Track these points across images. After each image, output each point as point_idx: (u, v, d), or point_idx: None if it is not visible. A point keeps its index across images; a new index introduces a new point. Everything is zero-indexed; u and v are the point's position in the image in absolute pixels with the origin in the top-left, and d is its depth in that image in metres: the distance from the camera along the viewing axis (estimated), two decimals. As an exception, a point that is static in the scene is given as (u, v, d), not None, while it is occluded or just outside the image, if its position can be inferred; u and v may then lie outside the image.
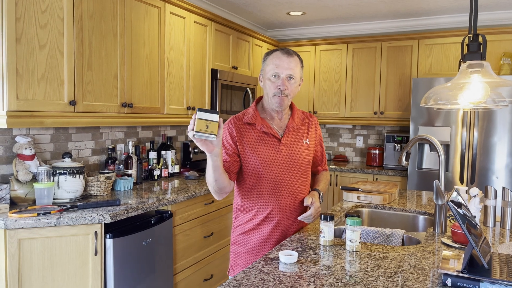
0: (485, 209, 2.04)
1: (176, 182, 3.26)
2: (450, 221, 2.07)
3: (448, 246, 1.70)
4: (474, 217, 1.63)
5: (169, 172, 3.47)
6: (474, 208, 2.00)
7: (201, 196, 2.99)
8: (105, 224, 2.21)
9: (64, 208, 2.21)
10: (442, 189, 1.96)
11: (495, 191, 2.01)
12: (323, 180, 2.03)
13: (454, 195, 1.49)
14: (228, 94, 3.92)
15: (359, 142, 5.11)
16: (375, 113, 4.59)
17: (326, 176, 2.08)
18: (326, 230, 1.68)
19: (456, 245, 1.68)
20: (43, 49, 2.26)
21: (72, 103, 2.41)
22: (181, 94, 3.40)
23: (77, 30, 2.43)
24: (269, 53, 1.86)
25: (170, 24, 3.22)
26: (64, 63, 2.37)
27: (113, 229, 2.27)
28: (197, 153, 3.97)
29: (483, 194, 2.07)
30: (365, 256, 1.56)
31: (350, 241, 1.63)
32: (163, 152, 3.46)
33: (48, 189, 2.29)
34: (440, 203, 1.90)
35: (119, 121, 2.78)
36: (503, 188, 2.01)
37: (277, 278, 1.35)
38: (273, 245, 1.83)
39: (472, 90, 1.80)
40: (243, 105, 4.17)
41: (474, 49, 1.84)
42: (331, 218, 1.67)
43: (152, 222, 2.52)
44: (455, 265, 1.34)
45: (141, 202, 2.48)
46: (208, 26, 3.70)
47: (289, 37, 5.36)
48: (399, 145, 4.44)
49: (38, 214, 2.07)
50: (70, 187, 2.42)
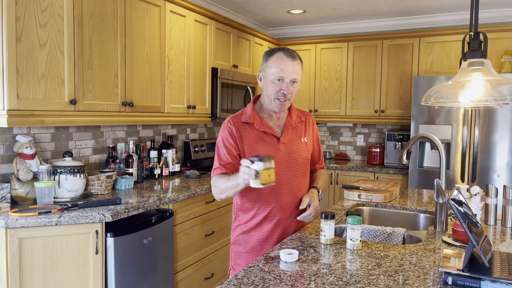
0: (486, 207, 2.03)
1: (176, 181, 3.26)
2: (451, 219, 2.07)
3: (449, 244, 1.70)
4: (475, 215, 1.63)
5: (169, 171, 3.47)
6: (475, 207, 2.00)
7: (202, 195, 2.99)
8: (106, 223, 2.22)
9: (65, 207, 2.21)
10: (443, 187, 1.95)
11: (496, 189, 2.01)
12: (321, 178, 2.03)
13: (455, 193, 1.48)
14: (228, 92, 3.92)
15: (360, 141, 5.10)
16: (376, 112, 4.58)
17: (324, 174, 2.07)
18: (327, 228, 1.68)
19: (457, 244, 1.68)
20: (43, 48, 2.25)
21: (73, 102, 2.41)
22: (182, 93, 3.39)
23: (77, 29, 2.43)
24: (271, 53, 1.82)
25: (171, 22, 3.22)
26: (64, 62, 2.37)
27: (114, 228, 2.27)
28: (197, 152, 3.97)
29: (484, 193, 2.07)
30: (366, 255, 1.56)
31: (351, 239, 1.63)
32: (163, 151, 3.46)
33: (48, 188, 2.29)
34: (441, 201, 1.89)
35: (120, 120, 2.78)
36: (504, 186, 2.01)
37: (278, 277, 1.35)
38: (274, 244, 1.83)
39: (473, 88, 1.80)
40: (244, 103, 4.17)
41: (475, 47, 1.83)
42: (332, 216, 1.67)
43: (153, 221, 2.52)
44: (456, 263, 1.34)
45: (142, 201, 2.48)
46: (209, 24, 3.69)
47: (289, 36, 5.35)
48: (400, 143, 4.43)
49: (39, 213, 2.08)
50: (70, 186, 2.42)
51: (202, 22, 3.60)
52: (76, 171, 2.44)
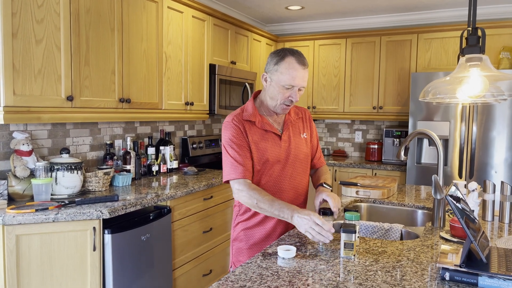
0: (483, 203, 2.04)
1: (174, 178, 3.26)
2: (448, 215, 2.07)
3: (446, 240, 1.70)
4: (473, 211, 1.63)
5: (167, 168, 3.47)
6: (473, 203, 2.00)
7: (200, 191, 2.99)
8: (103, 219, 2.21)
9: (62, 204, 2.20)
10: (441, 183, 1.95)
11: (494, 185, 2.01)
12: (326, 173, 2.02)
13: (452, 189, 1.48)
14: (226, 89, 3.91)
15: (358, 137, 5.10)
16: (374, 108, 4.58)
17: (327, 170, 2.08)
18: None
19: (455, 240, 1.68)
20: (40, 44, 2.24)
21: (70, 98, 2.39)
22: (179, 89, 3.38)
23: (73, 25, 2.41)
24: (282, 57, 1.76)
25: (168, 18, 3.20)
26: (61, 58, 2.36)
27: (111, 224, 2.27)
28: (195, 149, 3.96)
29: (481, 189, 2.07)
30: (364, 251, 1.56)
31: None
32: (161, 148, 3.45)
33: (46, 185, 2.28)
34: (438, 197, 1.90)
35: (117, 117, 2.77)
36: (501, 183, 2.01)
37: (276, 273, 1.34)
38: (276, 239, 1.83)
39: (471, 84, 1.79)
40: (242, 100, 4.16)
41: (473, 42, 1.82)
42: (330, 213, 1.67)
43: (151, 217, 2.52)
44: (454, 259, 1.34)
45: (140, 198, 2.47)
46: (206, 21, 3.68)
47: (287, 32, 5.34)
48: (398, 139, 4.43)
49: (36, 210, 2.07)
50: (68, 183, 2.42)
51: (199, 18, 3.59)
52: (73, 168, 2.43)
